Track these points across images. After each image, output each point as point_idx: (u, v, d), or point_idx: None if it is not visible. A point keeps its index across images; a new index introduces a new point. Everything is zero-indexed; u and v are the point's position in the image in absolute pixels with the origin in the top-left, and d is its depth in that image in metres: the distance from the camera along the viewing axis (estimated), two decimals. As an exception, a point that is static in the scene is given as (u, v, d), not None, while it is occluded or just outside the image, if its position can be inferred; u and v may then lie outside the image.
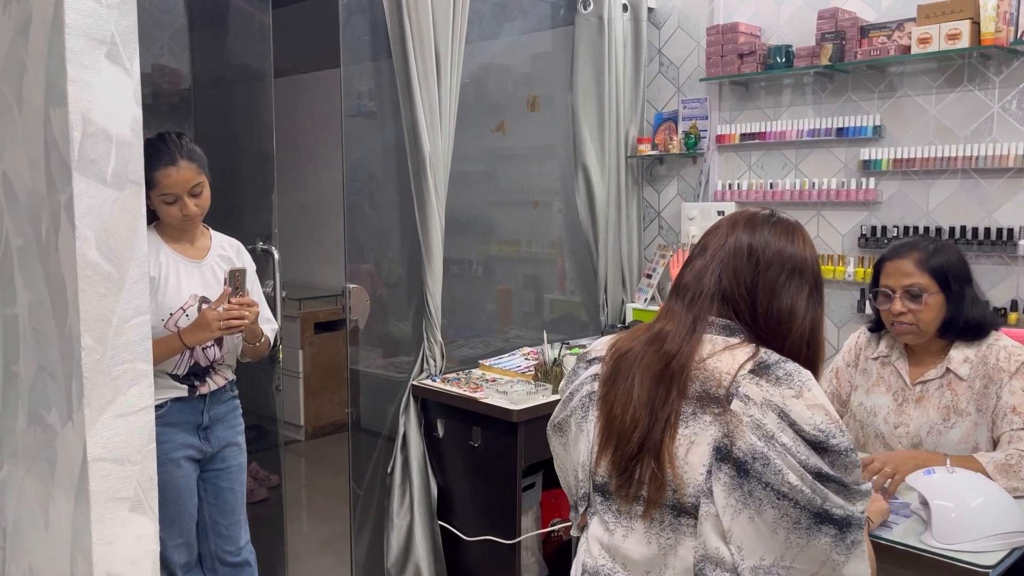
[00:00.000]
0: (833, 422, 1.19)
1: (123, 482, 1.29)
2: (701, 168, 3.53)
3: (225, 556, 2.33)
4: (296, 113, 5.14)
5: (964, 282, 1.97)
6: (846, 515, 1.18)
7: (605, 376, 1.36)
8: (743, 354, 1.25)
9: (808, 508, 1.17)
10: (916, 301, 1.95)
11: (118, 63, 1.26)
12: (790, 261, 1.31)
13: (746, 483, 1.18)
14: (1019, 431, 1.85)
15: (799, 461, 1.17)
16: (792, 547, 1.18)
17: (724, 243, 1.33)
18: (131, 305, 1.30)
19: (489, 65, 3.34)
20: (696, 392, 1.24)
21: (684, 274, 1.36)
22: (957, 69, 2.83)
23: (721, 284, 1.31)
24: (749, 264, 1.31)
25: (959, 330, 1.97)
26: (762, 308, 1.30)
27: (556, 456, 1.49)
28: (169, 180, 2.08)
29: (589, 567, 1.35)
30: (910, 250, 2.00)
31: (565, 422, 1.43)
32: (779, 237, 1.33)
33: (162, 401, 2.10)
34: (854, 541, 1.19)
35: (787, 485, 1.16)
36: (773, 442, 1.17)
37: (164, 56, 3.30)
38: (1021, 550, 1.60)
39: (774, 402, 1.19)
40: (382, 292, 3.11)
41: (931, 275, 1.95)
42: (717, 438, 1.21)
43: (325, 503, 4.07)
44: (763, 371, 1.22)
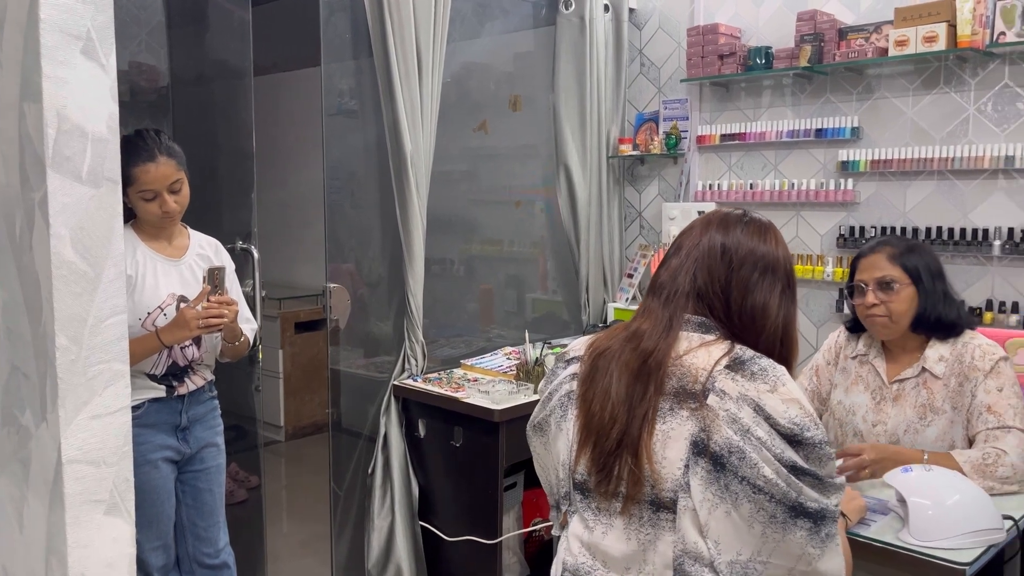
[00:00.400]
0: (807, 415, 1.21)
1: (99, 484, 1.28)
2: (682, 168, 3.54)
3: (203, 558, 2.31)
4: (276, 111, 5.11)
5: (935, 277, 2.00)
6: (820, 508, 1.20)
7: (583, 375, 1.37)
8: (719, 350, 1.27)
9: (783, 502, 1.18)
10: (888, 292, 1.98)
11: (94, 59, 1.24)
12: (763, 260, 1.34)
13: (722, 477, 1.20)
14: (994, 430, 1.87)
15: (774, 454, 1.19)
16: (768, 541, 1.20)
17: (698, 243, 1.36)
18: (107, 304, 1.29)
19: (471, 64, 3.34)
20: (673, 388, 1.26)
21: (660, 273, 1.39)
22: (934, 71, 2.86)
23: (696, 283, 1.33)
24: (723, 263, 1.33)
25: (931, 325, 2.00)
26: (736, 305, 1.32)
27: (536, 456, 1.50)
28: (148, 176, 2.06)
29: (570, 565, 1.36)
30: (883, 246, 2.05)
31: (545, 422, 1.44)
32: (752, 236, 1.35)
33: (139, 402, 2.08)
34: (828, 534, 1.21)
35: (762, 479, 1.18)
36: (749, 436, 1.19)
37: (142, 53, 3.27)
38: (997, 547, 1.61)
39: (749, 396, 1.21)
40: (363, 292, 3.09)
41: (902, 268, 1.99)
42: (694, 433, 1.23)
43: (305, 504, 4.05)
44: (738, 366, 1.25)
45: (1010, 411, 1.88)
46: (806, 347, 3.19)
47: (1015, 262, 2.72)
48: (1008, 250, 2.71)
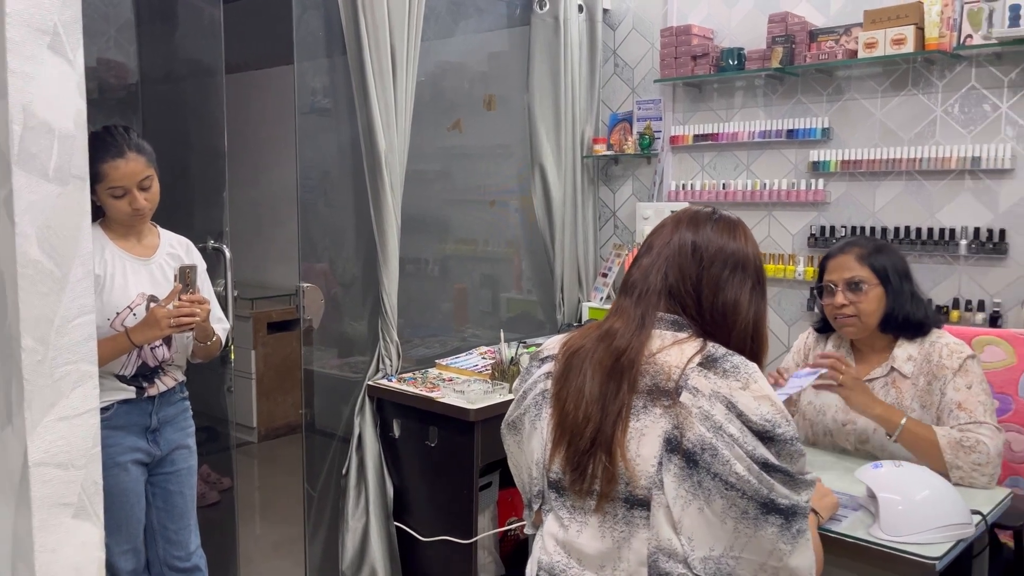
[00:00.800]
0: (779, 412, 1.23)
1: (67, 487, 1.25)
2: (655, 168, 3.56)
3: (174, 562, 2.28)
4: (248, 110, 5.06)
5: (903, 278, 2.03)
6: (791, 504, 1.21)
7: (557, 374, 1.38)
8: (691, 348, 1.28)
9: (755, 498, 1.20)
10: (857, 292, 2.01)
11: (61, 54, 1.22)
12: (733, 257, 1.35)
13: (695, 473, 1.21)
14: (967, 425, 1.90)
15: (746, 451, 1.20)
16: (740, 537, 1.21)
17: (669, 241, 1.37)
18: (75, 304, 1.26)
19: (445, 63, 3.33)
20: (647, 386, 1.27)
21: (632, 272, 1.40)
22: (902, 73, 2.90)
23: (667, 281, 1.34)
24: (693, 261, 1.35)
25: (899, 324, 2.02)
26: (707, 303, 1.33)
27: (510, 454, 1.50)
28: (117, 173, 2.02)
29: (544, 564, 1.36)
30: (851, 247, 2.08)
31: (519, 420, 1.44)
32: (721, 234, 1.37)
33: (108, 403, 2.04)
34: (799, 530, 1.22)
35: (735, 475, 1.19)
36: (721, 432, 1.21)
37: (110, 50, 3.22)
38: (966, 542, 1.64)
39: (722, 393, 1.23)
40: (336, 291, 3.07)
41: (871, 268, 2.02)
42: (667, 430, 1.24)
43: (279, 506, 4.01)
44: (711, 364, 1.26)
45: (980, 408, 1.91)
46: (778, 345, 3.22)
47: (981, 261, 2.76)
48: (974, 249, 2.76)
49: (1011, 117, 2.69)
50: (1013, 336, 2.26)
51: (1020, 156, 2.68)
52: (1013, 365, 2.22)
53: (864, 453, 2.04)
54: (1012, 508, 1.86)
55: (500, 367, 2.91)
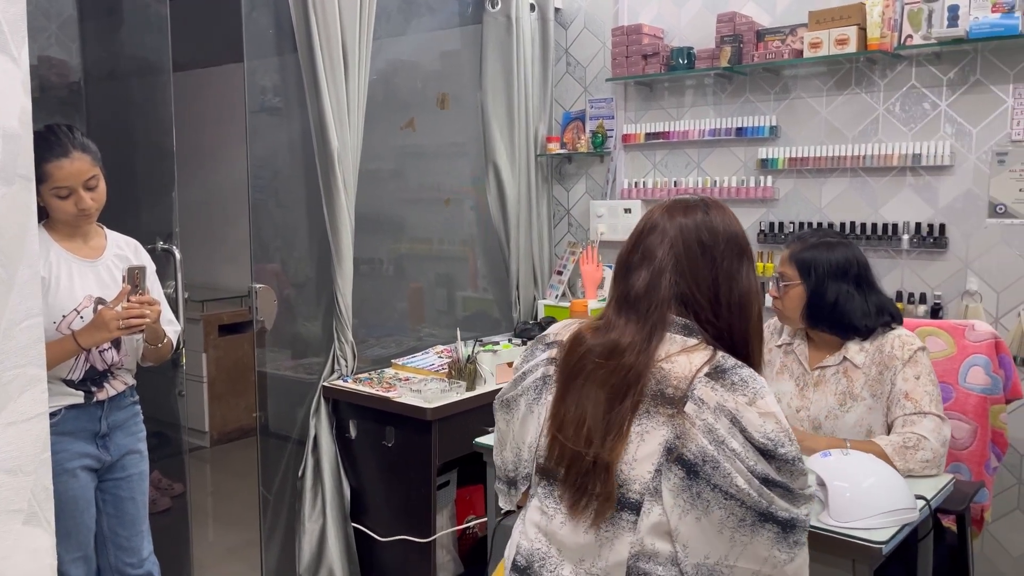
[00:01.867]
0: (783, 431, 1.22)
1: (16, 493, 1.22)
2: (608, 167, 3.60)
3: (127, 569, 2.23)
4: (197, 108, 4.97)
5: (830, 277, 2.05)
6: (791, 517, 1.21)
7: (557, 393, 1.34)
8: (700, 358, 1.26)
9: (754, 509, 1.20)
10: (780, 288, 2.11)
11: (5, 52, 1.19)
12: (736, 244, 1.34)
13: (695, 485, 1.20)
14: (911, 415, 1.97)
15: (747, 467, 1.20)
16: (736, 545, 1.21)
17: (671, 243, 1.32)
18: (22, 307, 1.23)
19: (397, 62, 3.32)
20: (652, 390, 1.25)
21: (631, 284, 1.33)
22: (845, 73, 2.98)
23: (678, 288, 1.30)
24: (705, 260, 1.31)
25: (827, 323, 2.08)
26: (725, 298, 1.31)
27: (498, 430, 1.48)
28: (62, 172, 1.97)
29: (524, 550, 1.36)
30: (793, 242, 2.16)
31: (514, 400, 1.42)
32: (719, 222, 1.34)
33: (56, 408, 1.99)
34: (797, 541, 1.22)
35: (735, 487, 1.19)
36: (723, 447, 1.20)
37: (51, 47, 3.14)
38: (911, 526, 1.69)
39: (727, 408, 1.21)
40: (289, 292, 3.04)
41: (796, 266, 2.09)
42: (669, 439, 1.22)
43: (233, 510, 3.95)
44: (719, 375, 1.24)
45: (926, 398, 1.98)
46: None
47: (922, 255, 2.85)
48: (916, 243, 2.85)
49: (950, 115, 2.78)
50: (953, 327, 2.34)
51: (959, 153, 2.77)
52: (953, 355, 2.30)
53: (816, 440, 2.10)
54: (955, 493, 1.92)
55: (457, 366, 2.91)
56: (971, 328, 2.30)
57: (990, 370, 2.25)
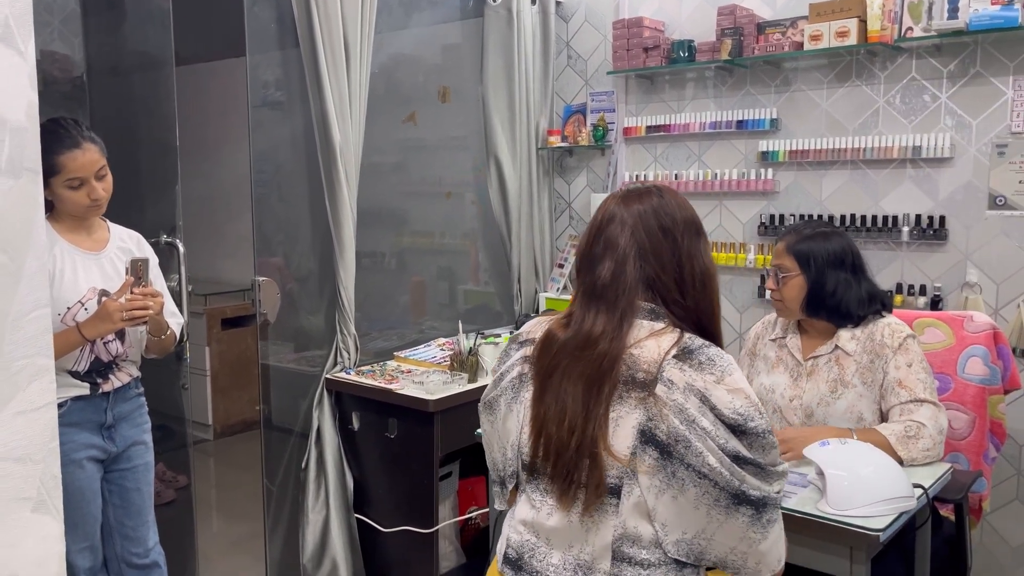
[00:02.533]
0: (752, 405, 1.25)
1: (25, 482, 1.24)
2: (609, 160, 3.61)
3: (132, 559, 2.26)
4: (199, 103, 4.98)
5: (829, 266, 2.08)
6: (762, 496, 1.24)
7: (535, 392, 1.36)
8: (668, 340, 1.29)
9: (727, 489, 1.22)
10: (779, 280, 2.11)
11: (12, 46, 1.21)
12: (692, 223, 1.38)
13: (669, 464, 1.24)
14: (908, 404, 1.99)
15: (718, 444, 1.22)
16: (713, 522, 1.24)
17: (632, 231, 1.34)
18: (30, 298, 1.25)
19: (399, 56, 3.33)
20: (624, 376, 1.28)
21: (597, 275, 1.35)
22: (846, 65, 2.98)
23: (644, 273, 1.33)
24: (667, 242, 1.34)
25: (828, 311, 2.10)
26: (688, 276, 1.34)
27: (484, 432, 1.52)
28: (75, 163, 2.00)
29: (514, 542, 1.39)
30: (788, 234, 2.18)
31: (495, 401, 1.45)
32: (672, 203, 1.37)
33: (62, 400, 2.01)
34: (770, 520, 1.26)
35: (707, 467, 1.22)
36: (694, 426, 1.23)
37: (55, 42, 3.15)
38: (908, 514, 1.71)
39: (696, 387, 1.24)
40: (292, 286, 3.06)
41: (794, 257, 2.11)
42: (642, 421, 1.25)
43: (237, 502, 3.98)
44: (686, 356, 1.27)
45: (920, 385, 2.00)
46: (730, 332, 3.29)
47: (922, 247, 2.86)
48: (916, 236, 2.86)
49: (950, 107, 2.79)
50: (951, 318, 2.35)
51: (959, 145, 2.78)
52: (952, 346, 2.32)
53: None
54: (952, 483, 1.94)
55: (459, 358, 2.93)
56: (970, 319, 2.32)
57: (988, 361, 2.26)
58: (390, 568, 2.90)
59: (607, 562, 1.27)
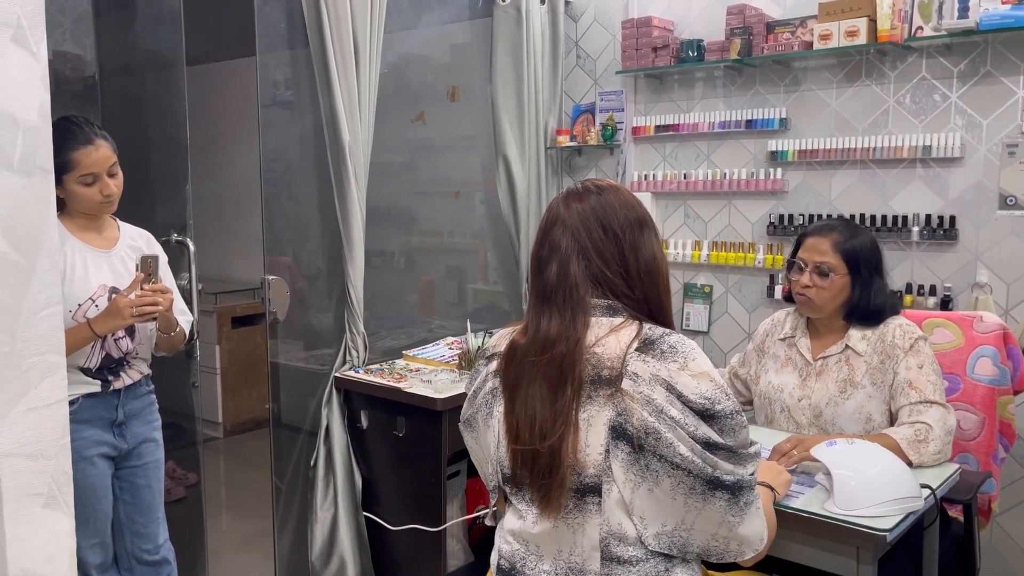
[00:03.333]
0: (718, 388, 1.27)
1: (36, 478, 1.26)
2: (618, 159, 3.61)
3: (143, 555, 2.28)
4: (209, 102, 5.01)
5: (873, 270, 2.09)
6: (736, 480, 1.25)
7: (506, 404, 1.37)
8: (628, 334, 1.31)
9: (700, 476, 1.24)
10: (823, 278, 2.08)
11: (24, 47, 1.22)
12: (633, 215, 1.38)
13: (642, 457, 1.25)
14: (917, 405, 1.98)
15: (688, 432, 1.24)
16: (691, 511, 1.26)
17: (574, 234, 1.36)
18: (41, 296, 1.27)
19: (408, 55, 3.34)
20: (589, 376, 1.30)
21: (546, 278, 1.37)
22: (856, 65, 2.97)
23: (590, 270, 1.35)
24: (608, 238, 1.36)
25: (863, 314, 2.09)
26: (634, 269, 1.35)
27: (470, 449, 1.55)
28: (89, 159, 2.02)
29: (505, 553, 1.41)
30: (831, 231, 2.13)
31: (472, 418, 1.48)
32: (613, 201, 1.38)
33: (74, 397, 2.03)
34: (747, 502, 1.27)
35: (679, 456, 1.23)
36: (663, 416, 1.24)
37: (67, 42, 3.17)
38: (916, 514, 1.71)
39: (661, 376, 1.26)
40: (302, 285, 3.07)
41: (843, 257, 2.07)
42: (612, 418, 1.27)
43: (246, 500, 4.00)
44: (648, 347, 1.29)
45: (930, 387, 1.99)
46: (738, 331, 3.29)
47: (932, 247, 2.85)
48: (926, 236, 2.85)
49: (960, 107, 2.78)
50: (961, 318, 2.34)
51: (969, 145, 2.77)
52: (961, 346, 2.31)
53: (818, 428, 2.11)
54: (961, 483, 1.93)
55: (467, 357, 2.94)
56: (979, 319, 2.31)
57: (998, 361, 2.26)
58: (398, 566, 2.91)
59: (596, 563, 1.29)
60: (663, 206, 3.50)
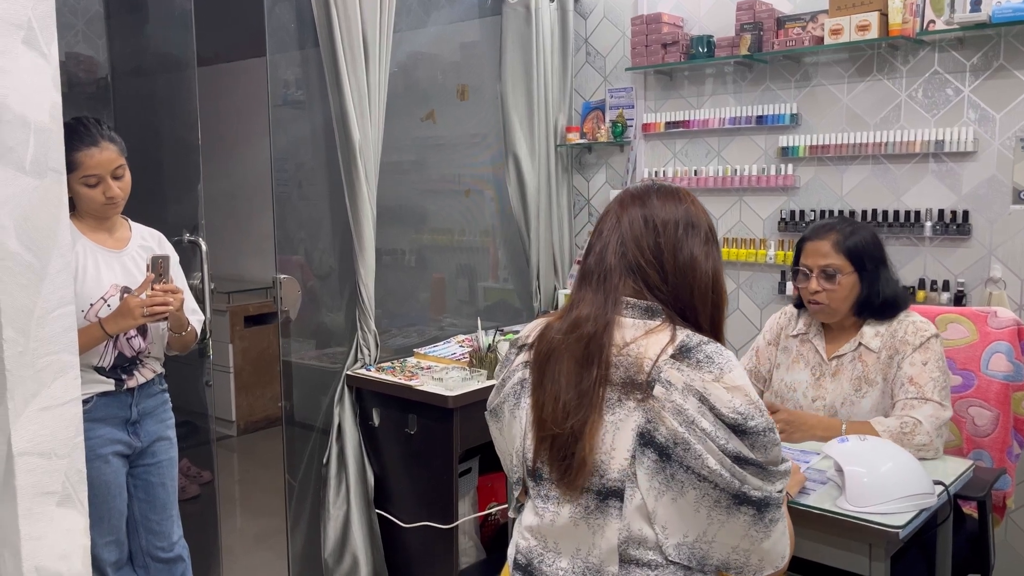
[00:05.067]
0: (752, 403, 1.24)
1: (50, 476, 1.27)
2: (628, 156, 3.60)
3: (157, 552, 2.29)
4: (220, 102, 5.04)
5: (878, 263, 2.07)
6: (763, 496, 1.23)
7: (535, 371, 1.38)
8: (664, 337, 1.29)
9: (727, 490, 1.22)
10: (830, 281, 2.05)
11: (35, 48, 1.23)
12: (683, 218, 1.38)
13: (668, 467, 1.23)
14: (912, 400, 1.96)
15: (718, 446, 1.21)
16: (713, 524, 1.24)
17: (619, 221, 1.39)
18: (54, 296, 1.28)
19: (417, 54, 3.34)
20: (620, 378, 1.28)
21: (587, 260, 1.41)
22: (867, 59, 2.96)
23: (626, 258, 1.36)
24: (648, 231, 1.36)
25: (874, 308, 2.08)
26: (669, 265, 1.35)
27: (494, 439, 1.53)
28: (92, 161, 2.03)
29: (522, 548, 1.40)
30: (828, 232, 2.10)
31: (499, 408, 1.47)
32: (667, 201, 1.40)
33: (88, 396, 2.05)
34: (772, 519, 1.25)
35: (707, 469, 1.21)
36: (694, 427, 1.22)
37: (79, 44, 3.20)
38: (929, 511, 1.70)
39: (695, 387, 1.23)
40: (313, 283, 3.08)
41: (846, 256, 2.05)
42: (640, 424, 1.25)
43: (260, 497, 4.02)
44: (684, 355, 1.26)
45: (931, 384, 1.97)
46: (750, 328, 3.28)
47: (945, 242, 2.83)
48: (939, 231, 2.83)
49: (973, 101, 2.76)
50: (974, 314, 2.33)
51: (982, 139, 2.75)
52: (975, 342, 2.29)
53: (833, 428, 2.10)
54: (975, 480, 1.92)
55: (478, 355, 2.94)
56: (993, 315, 2.29)
57: (1012, 357, 2.24)
58: (410, 563, 2.92)
59: (615, 565, 1.28)
60: (674, 203, 3.48)
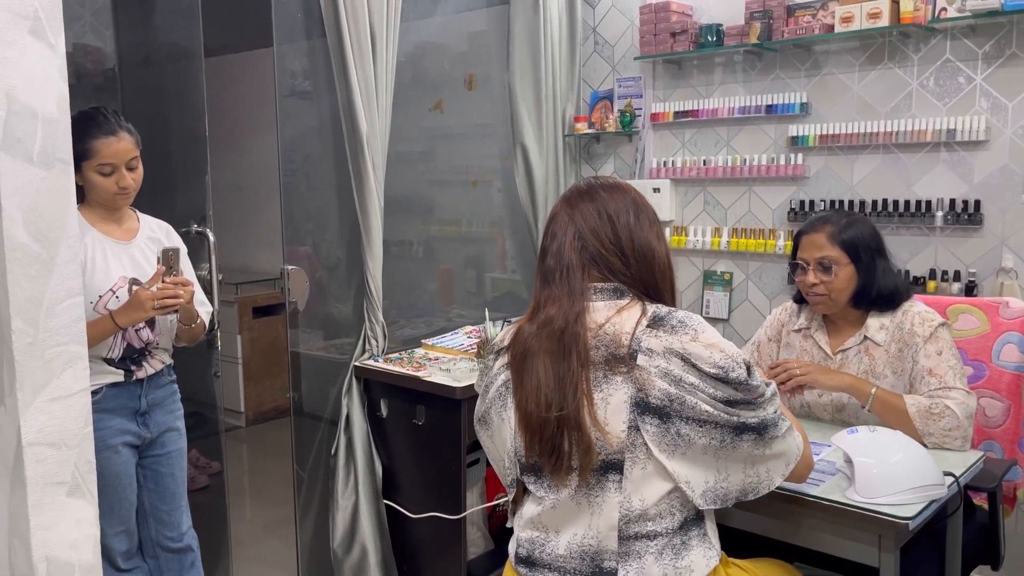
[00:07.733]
0: (728, 358, 1.32)
1: (60, 466, 1.28)
2: (637, 146, 3.58)
3: (167, 542, 2.31)
4: (228, 93, 5.04)
5: (875, 253, 2.06)
6: (760, 419, 1.33)
7: (515, 382, 1.42)
8: (636, 312, 1.36)
9: (727, 426, 1.31)
10: (827, 273, 2.05)
11: (42, 39, 1.23)
12: (632, 205, 1.44)
13: (671, 425, 1.30)
14: (939, 390, 1.96)
15: (708, 395, 1.30)
16: (723, 459, 1.33)
17: (571, 219, 1.44)
18: (63, 286, 1.28)
19: (425, 44, 3.33)
20: (603, 357, 1.34)
21: (545, 261, 1.45)
22: (878, 47, 2.93)
23: (587, 250, 1.41)
24: (603, 221, 1.42)
25: (872, 299, 2.06)
26: (629, 250, 1.41)
27: (486, 447, 1.56)
28: (109, 149, 2.04)
29: (523, 539, 1.43)
30: (823, 224, 2.10)
31: (487, 415, 1.49)
32: (612, 193, 1.46)
33: (97, 387, 2.06)
34: (773, 436, 1.34)
35: (705, 413, 1.30)
36: (682, 384, 1.30)
37: (86, 35, 3.20)
38: (939, 502, 1.69)
39: (675, 349, 1.31)
40: (321, 274, 3.09)
41: (842, 247, 2.05)
42: (632, 394, 1.31)
43: (268, 488, 4.04)
44: (658, 323, 1.34)
45: (950, 373, 1.97)
46: (759, 319, 3.26)
47: (956, 232, 2.81)
48: (950, 220, 2.80)
49: (985, 89, 2.73)
50: (986, 304, 2.31)
51: (994, 127, 2.72)
52: (987, 332, 2.28)
53: (840, 422, 2.09)
54: (985, 471, 1.91)
55: (485, 346, 2.94)
56: (1005, 305, 2.27)
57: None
58: (418, 554, 2.93)
59: (614, 542, 1.30)
60: (682, 193, 3.47)
